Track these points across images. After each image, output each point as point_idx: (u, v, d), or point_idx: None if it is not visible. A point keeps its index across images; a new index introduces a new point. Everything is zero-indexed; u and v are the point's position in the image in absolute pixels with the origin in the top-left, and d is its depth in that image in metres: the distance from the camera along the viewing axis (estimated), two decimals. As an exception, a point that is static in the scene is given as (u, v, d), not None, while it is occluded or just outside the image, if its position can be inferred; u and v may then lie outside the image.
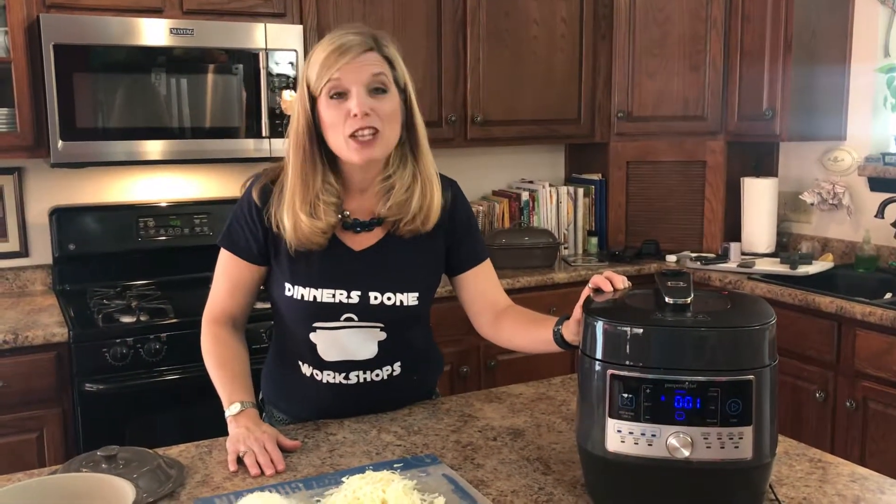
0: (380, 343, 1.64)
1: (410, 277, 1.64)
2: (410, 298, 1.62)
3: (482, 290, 1.73)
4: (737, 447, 1.21)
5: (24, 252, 3.00)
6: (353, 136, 1.51)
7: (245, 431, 1.49)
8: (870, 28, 3.34)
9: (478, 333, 1.77)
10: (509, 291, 3.09)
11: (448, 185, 1.70)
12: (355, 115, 1.50)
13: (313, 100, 1.54)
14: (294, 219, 1.56)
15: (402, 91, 1.58)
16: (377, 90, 1.53)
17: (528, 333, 1.63)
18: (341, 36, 1.53)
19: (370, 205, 1.64)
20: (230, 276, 1.67)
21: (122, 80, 2.69)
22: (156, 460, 1.41)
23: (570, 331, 1.49)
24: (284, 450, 1.50)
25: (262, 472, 1.42)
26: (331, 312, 1.60)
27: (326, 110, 1.53)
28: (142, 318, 2.57)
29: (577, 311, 1.43)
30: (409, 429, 1.63)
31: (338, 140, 1.53)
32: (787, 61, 3.26)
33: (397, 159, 1.61)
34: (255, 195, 1.62)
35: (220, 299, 1.69)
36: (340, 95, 1.51)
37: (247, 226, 1.63)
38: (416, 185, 1.61)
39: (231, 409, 1.55)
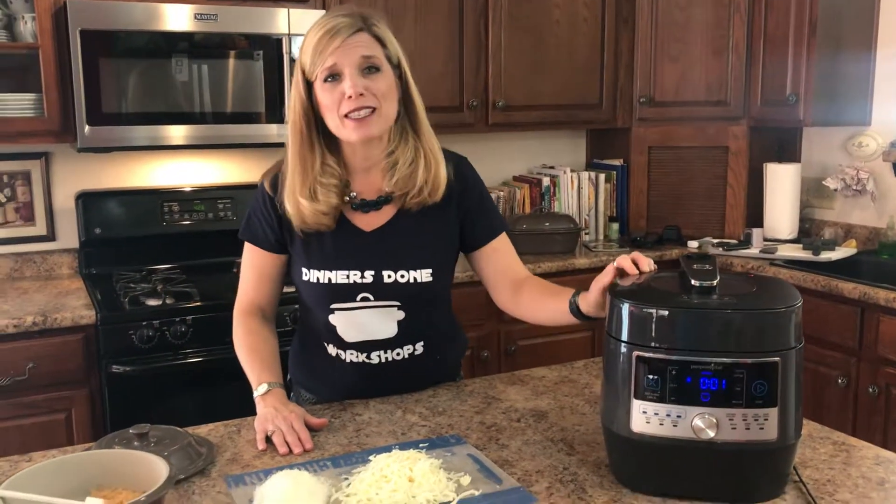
0: (399, 322, 1.66)
1: (422, 254, 1.65)
2: (424, 275, 1.64)
3: (501, 264, 1.74)
4: (762, 429, 1.22)
5: (51, 236, 3.04)
6: (347, 115, 1.53)
7: (273, 411, 1.51)
8: (896, 12, 3.31)
9: (498, 318, 1.79)
10: (530, 276, 3.13)
11: (453, 158, 1.71)
12: (349, 97, 1.52)
13: (309, 84, 1.56)
14: (295, 202, 1.59)
15: (396, 67, 1.60)
16: (370, 69, 1.54)
17: (546, 305, 1.64)
18: (330, 19, 1.54)
19: (376, 183, 1.66)
20: (254, 267, 1.71)
21: (146, 65, 2.71)
22: (186, 438, 1.44)
23: (587, 301, 1.51)
24: (311, 428, 1.52)
25: (291, 451, 1.44)
26: (347, 293, 1.63)
27: (322, 94, 1.55)
28: (167, 302, 2.60)
29: (597, 282, 1.45)
30: (433, 409, 1.65)
31: (335, 121, 1.56)
32: (811, 46, 3.23)
33: (397, 135, 1.63)
34: (266, 185, 1.66)
35: (248, 291, 1.73)
36: (334, 78, 1.53)
37: (263, 216, 1.66)
38: (419, 158, 1.62)
39: (259, 390, 1.58)
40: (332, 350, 1.69)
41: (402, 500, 1.23)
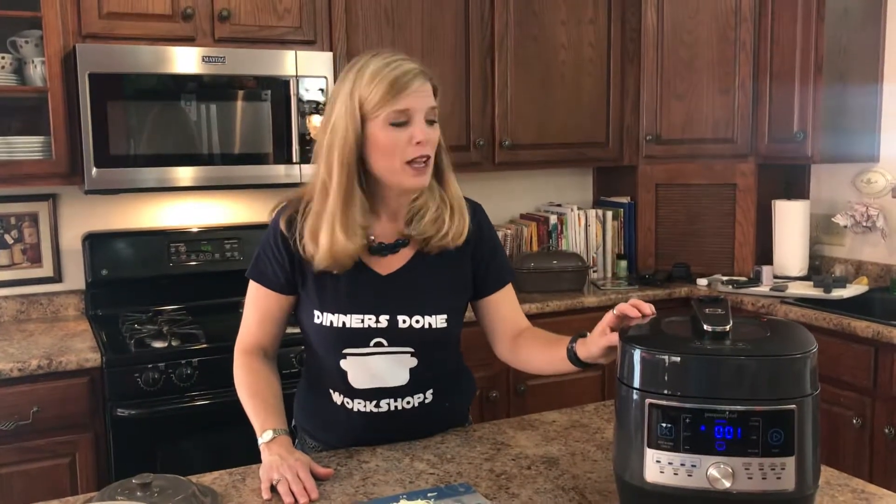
0: (411, 370, 1.64)
1: (438, 299, 1.64)
2: (439, 321, 1.62)
3: (505, 313, 1.74)
4: (779, 478, 1.19)
5: (57, 277, 3.04)
6: (409, 162, 1.53)
7: (278, 459, 1.49)
8: (902, 48, 3.31)
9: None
10: (539, 315, 3.12)
11: (470, 205, 1.71)
12: (418, 143, 1.52)
13: (362, 121, 1.54)
14: (331, 238, 1.55)
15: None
16: (430, 122, 1.56)
17: (544, 354, 1.64)
18: (400, 63, 1.53)
19: (397, 228, 1.65)
20: (259, 307, 1.68)
21: (154, 107, 2.72)
22: (190, 488, 1.41)
23: (586, 349, 1.50)
24: (317, 478, 1.49)
25: (296, 501, 1.41)
26: (360, 338, 1.60)
27: (383, 135, 1.53)
28: (173, 344, 2.58)
29: (598, 333, 1.45)
30: (441, 457, 1.62)
31: (392, 165, 1.54)
32: (817, 82, 3.23)
33: None
34: (282, 225, 1.63)
35: (250, 330, 1.70)
36: (402, 123, 1.53)
37: (274, 257, 1.64)
38: (445, 207, 1.63)
39: (264, 437, 1.55)
40: (337, 398, 1.66)
41: (411, 553, 1.20)
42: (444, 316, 1.63)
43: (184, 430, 2.55)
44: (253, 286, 1.68)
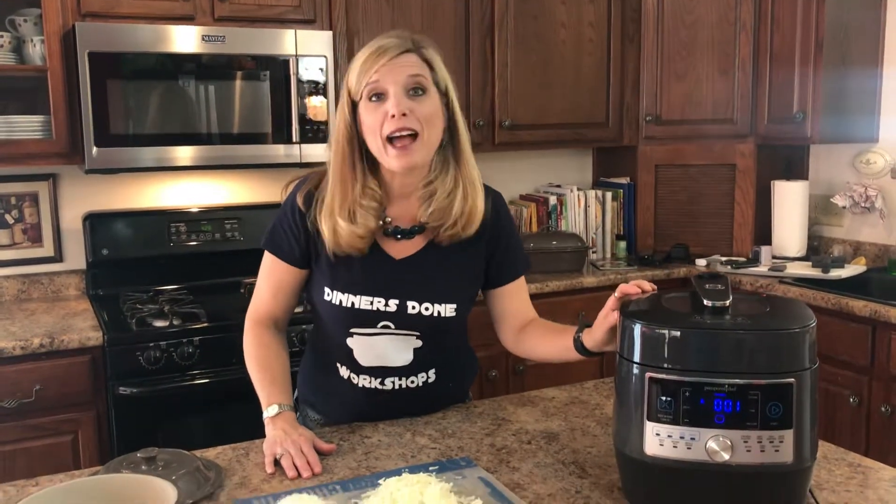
0: (415, 350, 1.64)
1: (449, 289, 1.63)
2: (448, 310, 1.62)
3: (516, 305, 1.74)
4: (777, 451, 1.20)
5: (58, 257, 3.04)
6: (390, 140, 1.51)
7: (282, 434, 1.50)
8: (902, 29, 3.31)
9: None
10: (538, 295, 3.13)
11: (490, 193, 1.69)
12: (393, 116, 1.49)
13: (354, 105, 1.55)
14: (332, 224, 1.56)
15: (444, 94, 1.58)
16: (415, 91, 1.52)
17: (549, 343, 1.64)
18: (380, 39, 1.54)
19: (412, 211, 1.63)
20: (273, 278, 1.68)
21: (154, 86, 2.72)
22: (194, 462, 1.43)
23: (591, 337, 1.50)
24: (320, 453, 1.50)
25: (299, 475, 1.43)
26: (368, 319, 1.61)
27: (365, 113, 1.53)
28: (175, 323, 2.59)
29: (601, 317, 1.44)
30: (443, 432, 1.63)
31: (377, 144, 1.53)
32: (817, 63, 3.23)
33: (439, 164, 1.60)
34: (299, 199, 1.62)
35: (263, 301, 1.70)
36: (379, 97, 1.52)
37: (290, 230, 1.63)
38: (457, 189, 1.59)
39: (269, 411, 1.56)
40: (344, 372, 1.67)
41: (413, 524, 1.22)
42: (454, 305, 1.63)
43: (185, 409, 2.57)
44: (268, 257, 1.67)
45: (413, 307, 1.61)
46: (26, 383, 2.41)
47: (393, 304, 1.60)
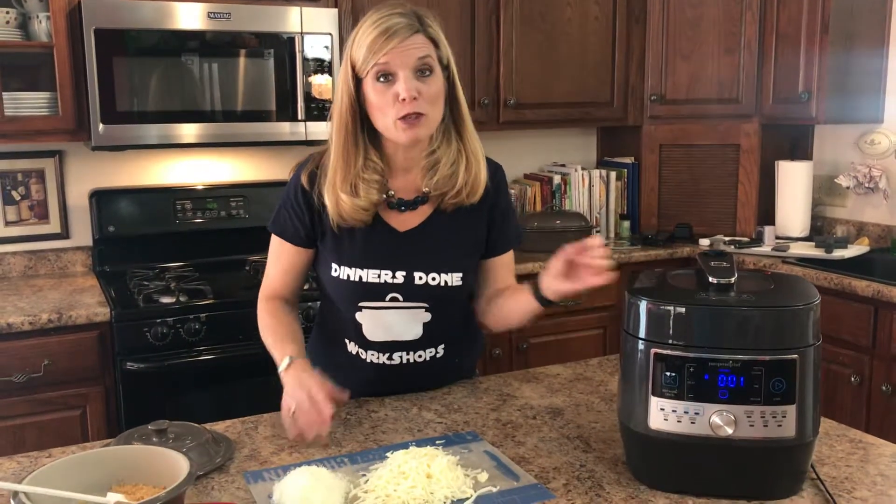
0: (424, 325, 1.66)
1: (454, 257, 1.65)
2: (455, 278, 1.64)
3: (500, 276, 1.75)
4: (780, 426, 1.22)
5: (65, 234, 3.06)
6: (401, 118, 1.53)
7: (295, 382, 1.51)
8: (909, 9, 3.30)
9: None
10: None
11: (492, 165, 1.71)
12: (403, 100, 1.51)
13: (357, 80, 1.56)
14: (335, 197, 1.58)
15: (445, 68, 1.60)
16: (422, 72, 1.54)
17: (513, 299, 1.67)
18: (387, 18, 1.53)
19: (415, 183, 1.65)
20: (280, 259, 1.71)
21: (160, 63, 2.72)
22: (205, 434, 1.45)
23: (544, 283, 1.53)
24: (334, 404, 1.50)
25: (305, 440, 1.45)
26: (376, 292, 1.62)
27: (373, 93, 1.54)
28: (181, 299, 2.61)
29: (553, 264, 1.49)
30: (449, 407, 1.65)
31: (385, 121, 1.55)
32: (823, 43, 3.22)
33: (440, 135, 1.63)
34: (304, 179, 1.64)
35: (273, 280, 1.73)
36: (387, 78, 1.53)
37: (294, 211, 1.65)
38: (461, 159, 1.62)
39: (282, 365, 1.57)
40: (352, 348, 1.69)
41: (421, 496, 1.24)
42: (460, 274, 1.65)
43: (192, 384, 2.59)
44: (275, 240, 1.70)
45: (420, 277, 1.63)
46: (35, 358, 2.43)
47: (400, 276, 1.62)
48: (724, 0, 3.49)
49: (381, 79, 1.53)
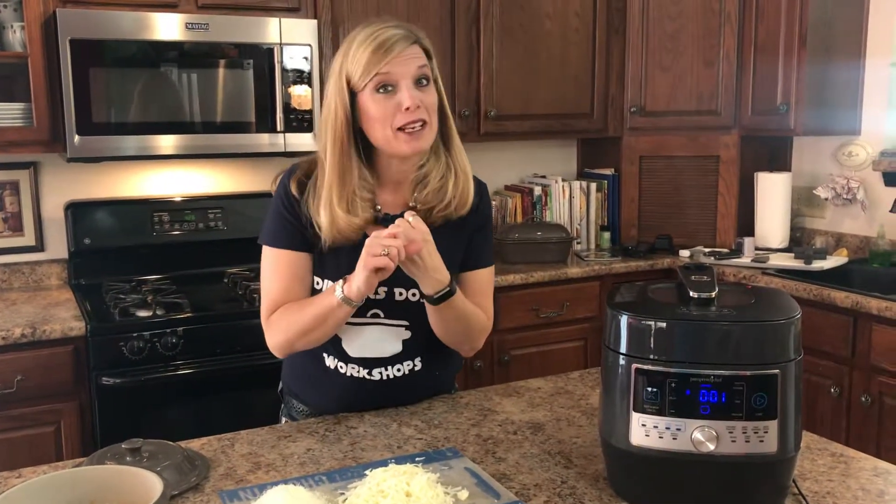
0: (404, 341, 1.65)
1: None
2: None
3: (468, 293, 1.68)
4: (762, 441, 1.21)
5: (39, 246, 3.01)
6: (401, 128, 1.52)
7: (358, 265, 1.48)
8: (885, 22, 3.33)
9: (492, 328, 1.76)
10: (522, 286, 3.14)
11: (478, 185, 1.71)
12: (407, 109, 1.50)
13: (352, 95, 1.54)
14: (331, 214, 1.55)
15: (435, 81, 1.60)
16: (421, 81, 1.54)
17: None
18: (383, 30, 1.52)
19: (403, 197, 1.64)
20: (282, 271, 1.63)
21: (137, 74, 2.69)
22: (179, 453, 1.42)
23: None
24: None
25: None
26: (358, 308, 1.60)
27: (372, 105, 1.52)
28: (158, 313, 2.57)
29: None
30: (429, 422, 1.63)
31: (385, 133, 1.53)
32: (801, 55, 3.24)
33: (430, 150, 1.61)
34: (293, 188, 1.61)
35: (275, 294, 1.63)
36: (387, 89, 1.52)
37: (288, 218, 1.61)
38: (449, 174, 1.62)
39: (337, 291, 1.51)
40: (330, 362, 1.67)
41: (400, 515, 1.22)
42: None
43: (169, 399, 2.56)
44: (271, 252, 1.62)
45: (400, 293, 1.61)
46: (8, 373, 2.38)
47: (381, 292, 1.60)
48: (703, 13, 3.51)
49: (381, 90, 1.52)
